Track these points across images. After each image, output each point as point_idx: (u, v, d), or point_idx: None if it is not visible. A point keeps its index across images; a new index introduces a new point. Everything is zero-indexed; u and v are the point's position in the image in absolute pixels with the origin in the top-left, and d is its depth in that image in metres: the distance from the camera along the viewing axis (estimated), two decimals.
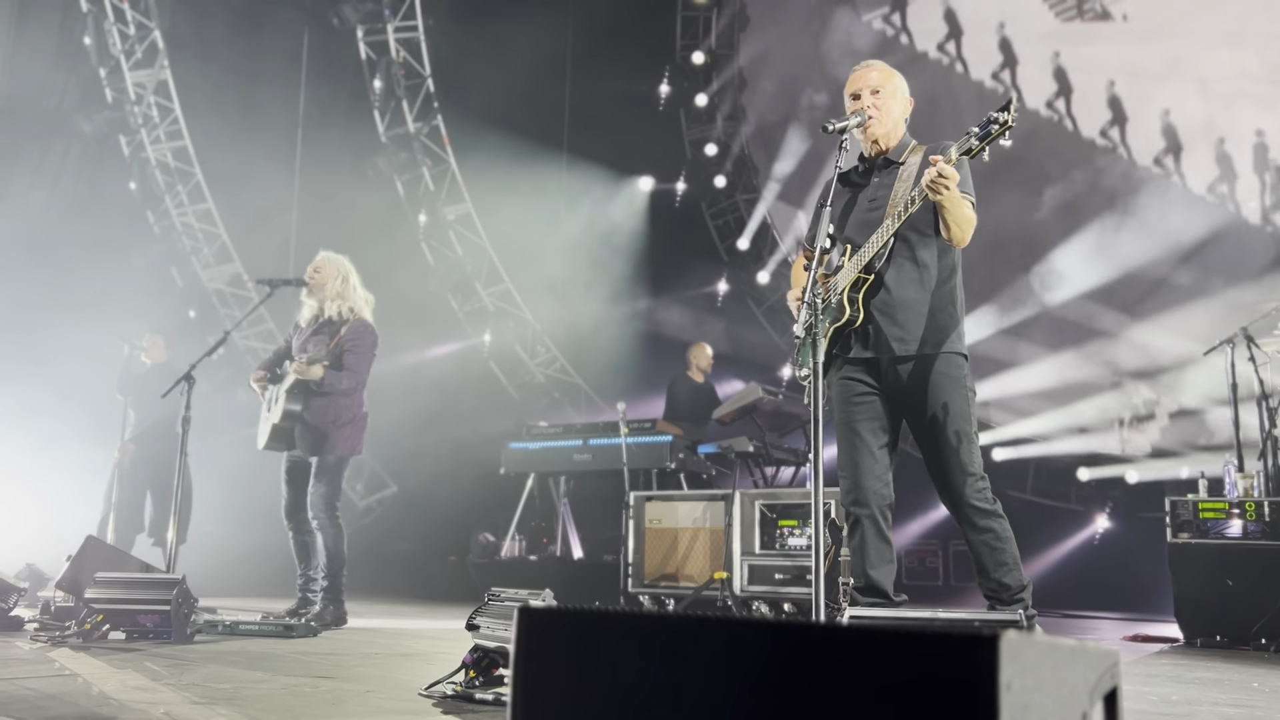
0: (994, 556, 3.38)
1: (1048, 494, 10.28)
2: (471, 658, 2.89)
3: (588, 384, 12.19)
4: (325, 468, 5.37)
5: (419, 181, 11.85)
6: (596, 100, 11.64)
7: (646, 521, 6.46)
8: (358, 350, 5.45)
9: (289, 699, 2.73)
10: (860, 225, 3.57)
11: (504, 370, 12.35)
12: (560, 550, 8.70)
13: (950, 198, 3.22)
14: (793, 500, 5.98)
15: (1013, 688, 1.08)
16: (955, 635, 1.12)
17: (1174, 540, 5.66)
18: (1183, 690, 3.41)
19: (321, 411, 5.37)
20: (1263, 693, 3.41)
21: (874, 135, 3.58)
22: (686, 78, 12.39)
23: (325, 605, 5.26)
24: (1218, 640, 5.38)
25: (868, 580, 3.46)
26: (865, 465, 3.50)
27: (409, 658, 3.94)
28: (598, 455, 8.07)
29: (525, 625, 1.48)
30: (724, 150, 12.41)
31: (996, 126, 3.09)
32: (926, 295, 3.48)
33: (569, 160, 11.93)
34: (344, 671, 3.41)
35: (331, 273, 5.59)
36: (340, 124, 11.74)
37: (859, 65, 3.70)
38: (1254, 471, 5.90)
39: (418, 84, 11.66)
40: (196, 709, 2.51)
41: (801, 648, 1.27)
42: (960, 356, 3.50)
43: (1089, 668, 1.26)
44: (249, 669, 3.36)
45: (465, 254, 12.08)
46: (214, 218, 11.36)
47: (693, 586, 6.13)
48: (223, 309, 11.41)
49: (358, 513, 11.25)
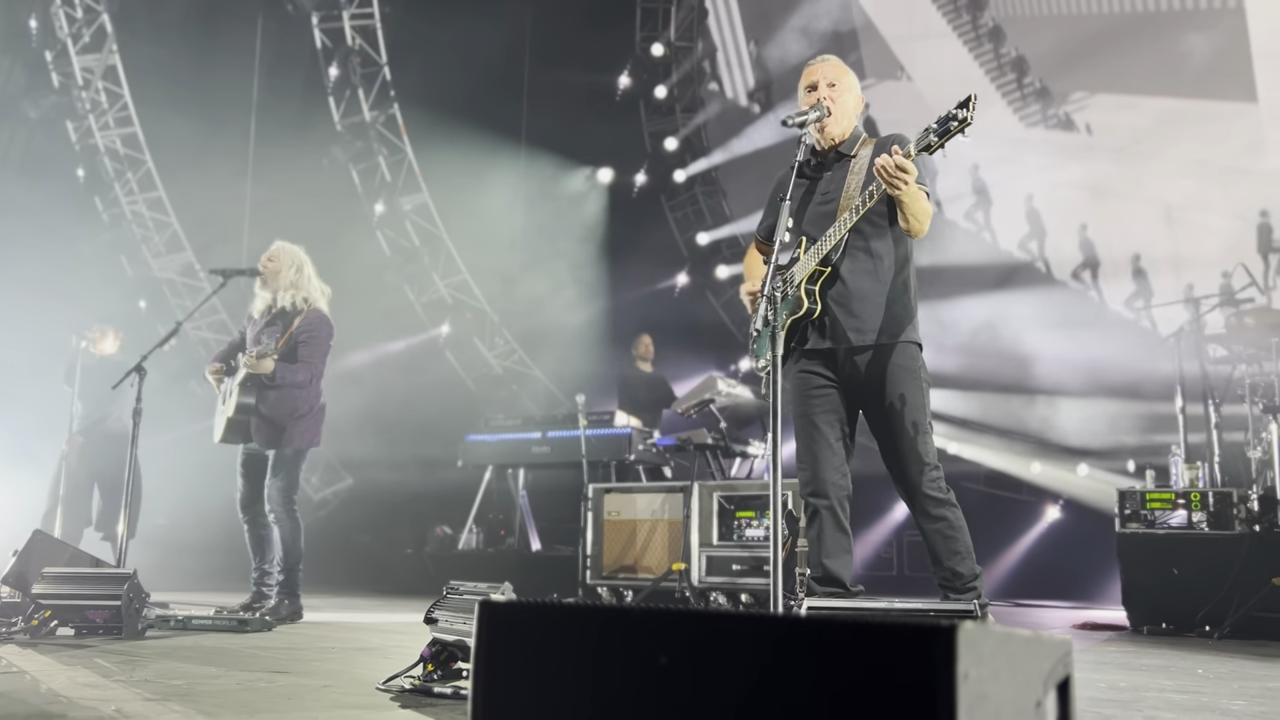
0: (947, 545, 3.43)
1: (1000, 485, 10.43)
2: (430, 651, 2.88)
3: (546, 376, 12.16)
4: (282, 461, 5.30)
5: (375, 171, 11.73)
6: (556, 91, 11.60)
7: (605, 513, 6.46)
8: (312, 342, 5.39)
9: (244, 694, 2.70)
10: (814, 218, 3.61)
11: (461, 362, 12.27)
12: (518, 542, 8.68)
13: (909, 191, 3.26)
14: (750, 492, 6.02)
15: (970, 678, 1.10)
16: (914, 627, 1.14)
17: (1122, 530, 5.78)
18: (1130, 677, 3.48)
19: (278, 404, 5.31)
20: (1207, 679, 3.50)
21: (829, 129, 3.61)
22: (646, 70, 12.37)
23: (280, 600, 5.20)
24: (1163, 627, 5.50)
25: (825, 571, 3.50)
26: (823, 457, 3.53)
27: (366, 652, 3.92)
28: (556, 447, 8.06)
29: (487, 619, 1.48)
30: (684, 143, 12.42)
31: (955, 124, 3.13)
32: (882, 286, 3.52)
33: (528, 151, 11.87)
34: (300, 666, 3.38)
35: (286, 262, 5.51)
36: (295, 112, 11.58)
37: (813, 60, 3.73)
38: (1199, 463, 6.03)
39: (374, 72, 11.54)
40: (149, 705, 2.48)
41: (762, 640, 1.28)
42: (915, 346, 3.55)
43: (1043, 657, 1.28)
44: (203, 664, 3.32)
45: (422, 244, 11.98)
46: (165, 206, 11.17)
47: (651, 578, 6.15)
48: (174, 299, 11.22)
49: (313, 505, 11.14)
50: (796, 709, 1.21)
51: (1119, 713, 2.64)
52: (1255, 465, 6.10)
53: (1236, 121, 8.82)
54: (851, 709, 1.16)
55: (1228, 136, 8.85)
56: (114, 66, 10.71)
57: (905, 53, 10.91)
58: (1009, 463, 10.36)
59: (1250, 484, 6.03)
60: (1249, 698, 3.01)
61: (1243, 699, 2.98)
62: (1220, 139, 8.89)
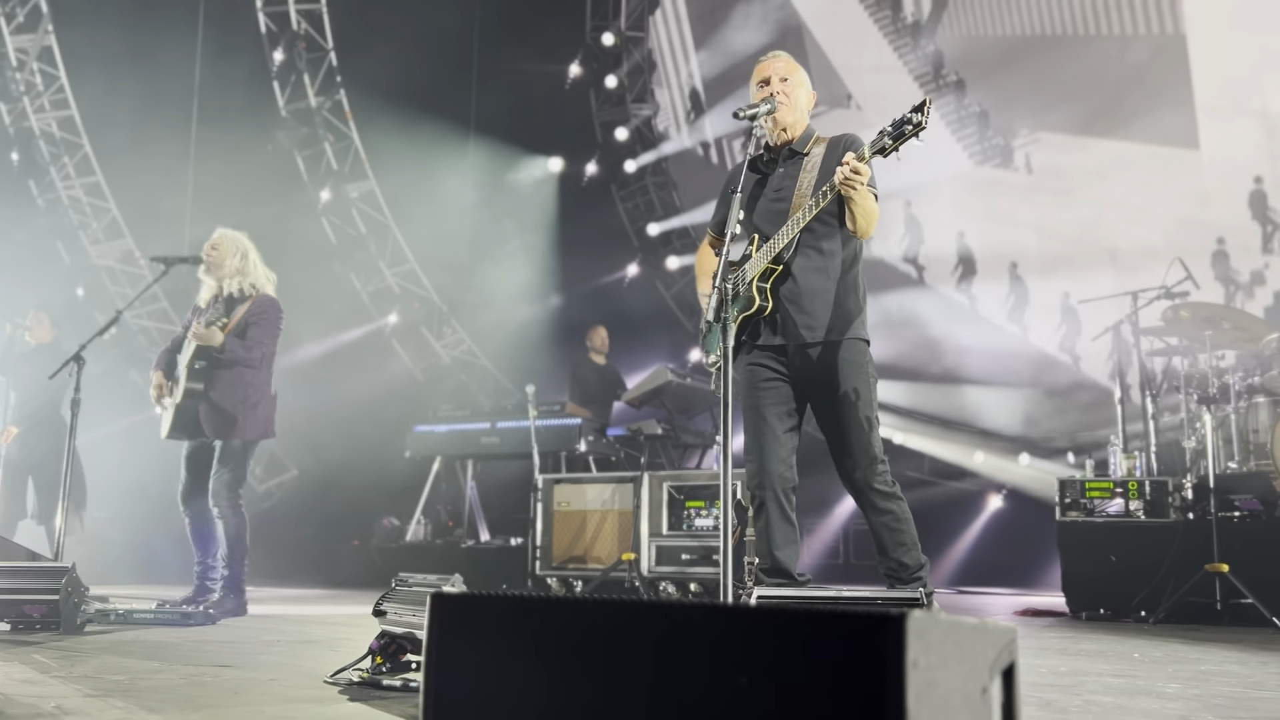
0: (894, 537, 3.49)
1: (944, 475, 10.61)
2: (379, 644, 2.85)
3: (495, 366, 12.10)
4: (231, 452, 5.18)
5: (321, 157, 11.56)
6: (506, 79, 11.51)
7: (555, 504, 6.46)
8: (263, 323, 5.26)
9: (188, 689, 2.66)
10: (767, 215, 3.64)
11: (409, 352, 12.16)
12: (467, 534, 8.64)
13: (860, 193, 3.30)
14: (700, 482, 6.05)
15: (919, 665, 1.12)
16: (864, 616, 1.16)
17: (1062, 519, 5.91)
18: (1070, 662, 3.56)
19: (229, 391, 5.17)
20: (1143, 662, 3.59)
21: (782, 123, 3.64)
22: (597, 59, 12.33)
23: (225, 594, 5.10)
24: (1101, 613, 5.64)
25: (773, 561, 3.54)
26: (770, 449, 3.57)
27: (312, 645, 3.88)
28: (506, 438, 8.03)
29: (439, 611, 1.48)
30: (635, 133, 12.40)
31: (910, 127, 3.17)
32: (832, 284, 3.56)
33: (477, 139, 11.77)
34: (245, 660, 3.33)
35: (230, 250, 5.41)
36: (239, 96, 11.36)
37: (766, 55, 3.76)
38: (1136, 453, 6.18)
39: (320, 57, 11.36)
40: (90, 702, 2.43)
41: (715, 629, 1.29)
42: (864, 342, 3.60)
43: (989, 644, 1.31)
44: (145, 659, 3.26)
45: (369, 233, 11.84)
46: (103, 191, 10.92)
47: (601, 568, 6.16)
48: (113, 287, 10.97)
49: (257, 497, 10.97)
50: (748, 698, 1.22)
51: (1059, 697, 2.70)
52: (1190, 455, 6.27)
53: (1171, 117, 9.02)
54: (802, 697, 1.18)
55: (1163, 134, 9.06)
56: (49, 47, 10.44)
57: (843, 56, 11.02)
58: (952, 452, 10.54)
59: (1185, 473, 6.19)
60: (1183, 680, 3.10)
61: (1177, 682, 3.06)
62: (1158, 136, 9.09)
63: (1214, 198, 8.96)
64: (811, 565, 9.44)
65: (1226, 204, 8.90)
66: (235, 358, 5.17)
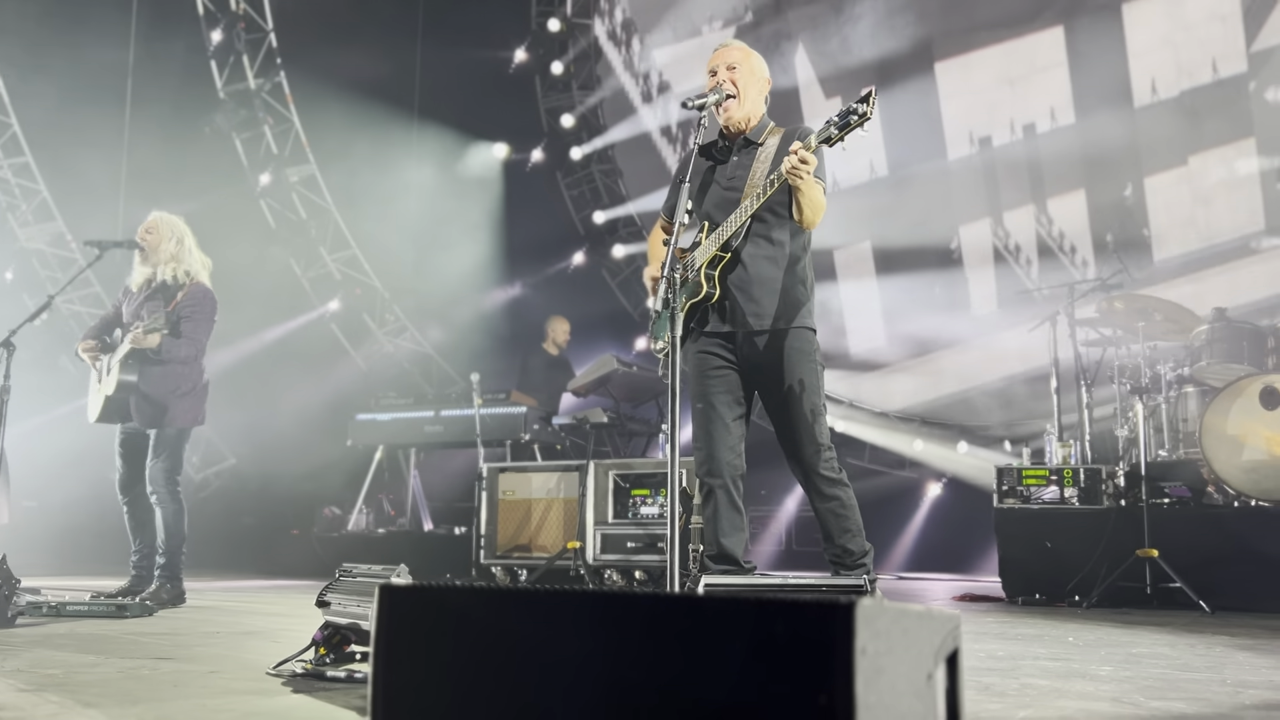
0: (839, 524, 3.53)
1: (883, 462, 10.76)
2: (322, 635, 2.82)
3: (439, 354, 11.99)
4: (165, 441, 5.10)
5: (260, 140, 11.33)
6: (450, 63, 11.36)
7: (500, 493, 6.43)
8: (196, 317, 5.19)
9: (126, 682, 2.60)
10: (718, 203, 3.65)
11: (350, 339, 12.00)
12: (410, 523, 8.57)
13: (807, 183, 3.33)
14: (646, 470, 6.07)
15: (867, 652, 1.14)
16: (813, 603, 1.17)
17: (999, 505, 6.03)
18: (1007, 646, 3.64)
19: (160, 382, 5.10)
20: (1077, 646, 3.68)
21: (731, 112, 3.65)
22: (543, 45, 12.24)
23: (162, 583, 5.01)
24: (1037, 598, 5.77)
25: (720, 548, 3.56)
26: (719, 436, 3.60)
27: (253, 636, 3.82)
28: (450, 426, 7.97)
29: (387, 603, 1.47)
30: (581, 120, 12.34)
31: (855, 118, 3.22)
32: (780, 273, 3.59)
33: (420, 124, 11.62)
34: (184, 652, 3.27)
35: (165, 234, 5.29)
36: (175, 77, 11.07)
37: (720, 45, 3.76)
38: (1071, 441, 6.33)
39: (259, 38, 11.12)
40: (23, 697, 2.37)
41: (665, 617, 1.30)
42: (811, 331, 3.64)
43: (934, 631, 1.34)
44: (80, 652, 3.19)
45: (309, 217, 11.64)
46: (33, 172, 10.58)
47: (546, 557, 6.15)
48: (44, 271, 10.66)
49: (194, 486, 10.75)
50: (698, 684, 1.23)
51: (997, 680, 2.76)
52: (1122, 443, 6.43)
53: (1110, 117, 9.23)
54: (751, 684, 1.19)
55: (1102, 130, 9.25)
56: None
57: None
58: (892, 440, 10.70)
59: (1118, 461, 6.36)
60: (1115, 663, 3.18)
61: (1109, 665, 3.15)
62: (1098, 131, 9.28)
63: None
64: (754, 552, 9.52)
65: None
66: (170, 357, 5.10)
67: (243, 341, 10.41)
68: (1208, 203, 8.97)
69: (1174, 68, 8.96)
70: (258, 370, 10.46)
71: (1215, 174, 8.93)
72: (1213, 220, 8.90)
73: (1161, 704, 2.44)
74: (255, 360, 10.63)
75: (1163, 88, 9.01)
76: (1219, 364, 6.04)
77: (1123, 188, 9.27)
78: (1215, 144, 8.90)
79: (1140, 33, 9.07)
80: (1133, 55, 9.12)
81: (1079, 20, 9.36)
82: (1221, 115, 8.78)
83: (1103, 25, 9.21)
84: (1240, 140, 8.79)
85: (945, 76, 10.00)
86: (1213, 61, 8.78)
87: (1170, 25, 8.97)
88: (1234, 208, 8.85)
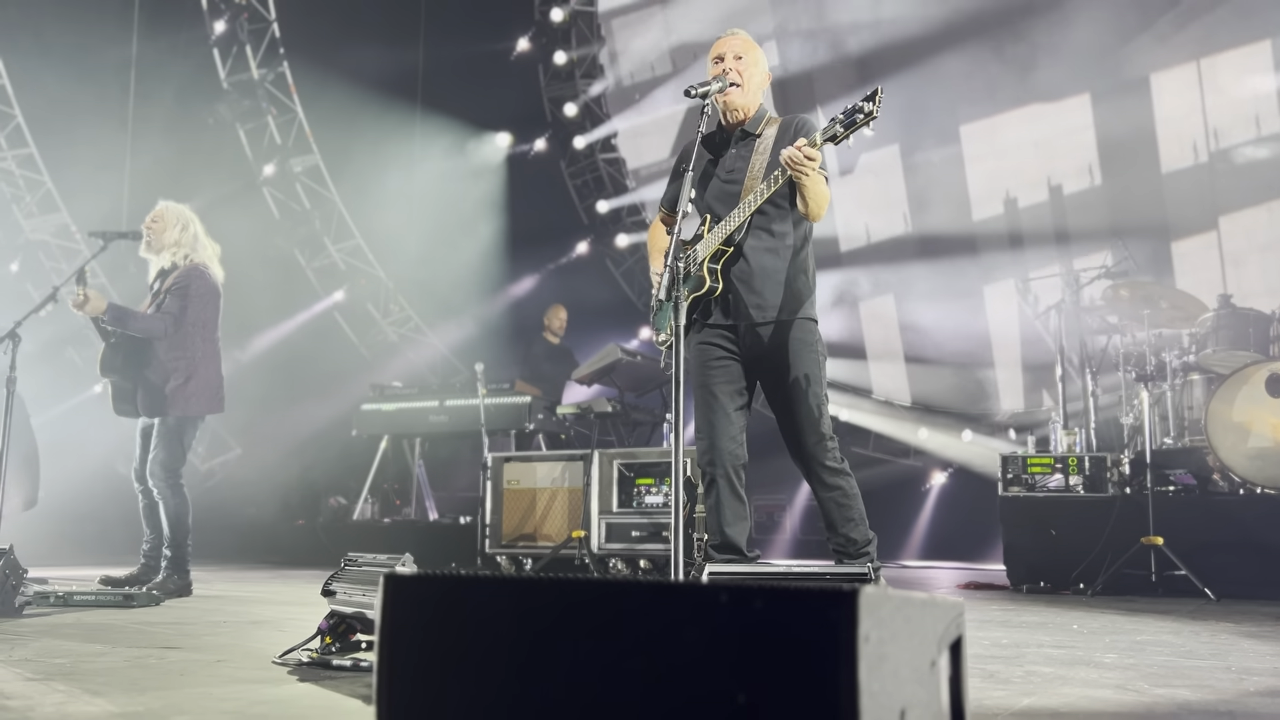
0: (842, 513, 3.53)
1: (888, 450, 10.76)
2: (328, 624, 2.84)
3: (443, 344, 12.00)
4: (164, 431, 5.07)
5: (264, 131, 11.32)
6: (453, 52, 11.34)
7: (505, 482, 6.44)
8: (180, 293, 5.07)
9: (133, 671, 2.62)
10: (719, 195, 3.65)
11: (355, 329, 12.01)
12: (415, 512, 8.59)
13: (811, 178, 3.33)
14: (650, 459, 6.07)
15: (871, 639, 1.14)
16: (816, 591, 1.17)
17: (1004, 494, 6.03)
18: (1011, 634, 3.65)
19: (158, 369, 5.07)
20: (1082, 634, 3.69)
21: (735, 101, 3.64)
22: (546, 34, 12.20)
23: (169, 574, 5.02)
24: (1041, 586, 5.78)
25: (723, 537, 3.57)
26: (720, 426, 3.60)
27: (260, 625, 3.84)
28: (454, 416, 7.98)
29: (392, 592, 1.47)
30: (584, 109, 12.31)
31: (861, 116, 3.21)
32: (783, 264, 3.59)
33: (424, 114, 11.60)
34: (191, 641, 3.29)
35: (171, 222, 5.26)
36: (178, 67, 11.06)
37: (724, 32, 3.75)
38: (1076, 429, 6.33)
39: (262, 28, 11.11)
40: (31, 686, 2.38)
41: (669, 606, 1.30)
42: (813, 322, 3.64)
43: (937, 619, 1.34)
44: (87, 641, 3.21)
45: (313, 208, 11.64)
46: (37, 163, 10.58)
47: (551, 546, 6.17)
48: (49, 262, 10.67)
49: (199, 476, 10.78)
50: (703, 672, 1.23)
51: (1002, 668, 2.77)
52: (1127, 431, 6.43)
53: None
54: (755, 672, 1.19)
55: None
56: None
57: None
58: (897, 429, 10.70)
59: (1123, 449, 6.35)
60: (1119, 651, 3.19)
61: (1114, 652, 3.15)
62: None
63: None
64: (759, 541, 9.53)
65: None
66: (136, 329, 4.99)
67: (248, 332, 10.43)
68: (1238, 264, 8.83)
69: (1204, 131, 8.84)
70: (263, 360, 10.48)
71: (1247, 236, 8.76)
72: (1244, 283, 8.54)
73: (1166, 691, 2.44)
74: (261, 350, 10.65)
75: (1194, 151, 8.89)
76: (1225, 351, 6.03)
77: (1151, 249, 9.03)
78: (1247, 205, 8.75)
79: (1169, 99, 8.95)
80: (1161, 121, 9.01)
81: (1106, 91, 9.22)
82: (1254, 176, 8.62)
83: (1131, 94, 9.08)
84: (1273, 201, 8.64)
85: (970, 140, 9.96)
86: (1255, 119, 8.64)
87: (1201, 91, 8.84)
88: (1265, 269, 8.68)
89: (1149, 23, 8.90)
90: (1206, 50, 8.75)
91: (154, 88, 10.58)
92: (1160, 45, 8.86)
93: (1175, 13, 8.78)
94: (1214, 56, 8.76)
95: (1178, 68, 8.91)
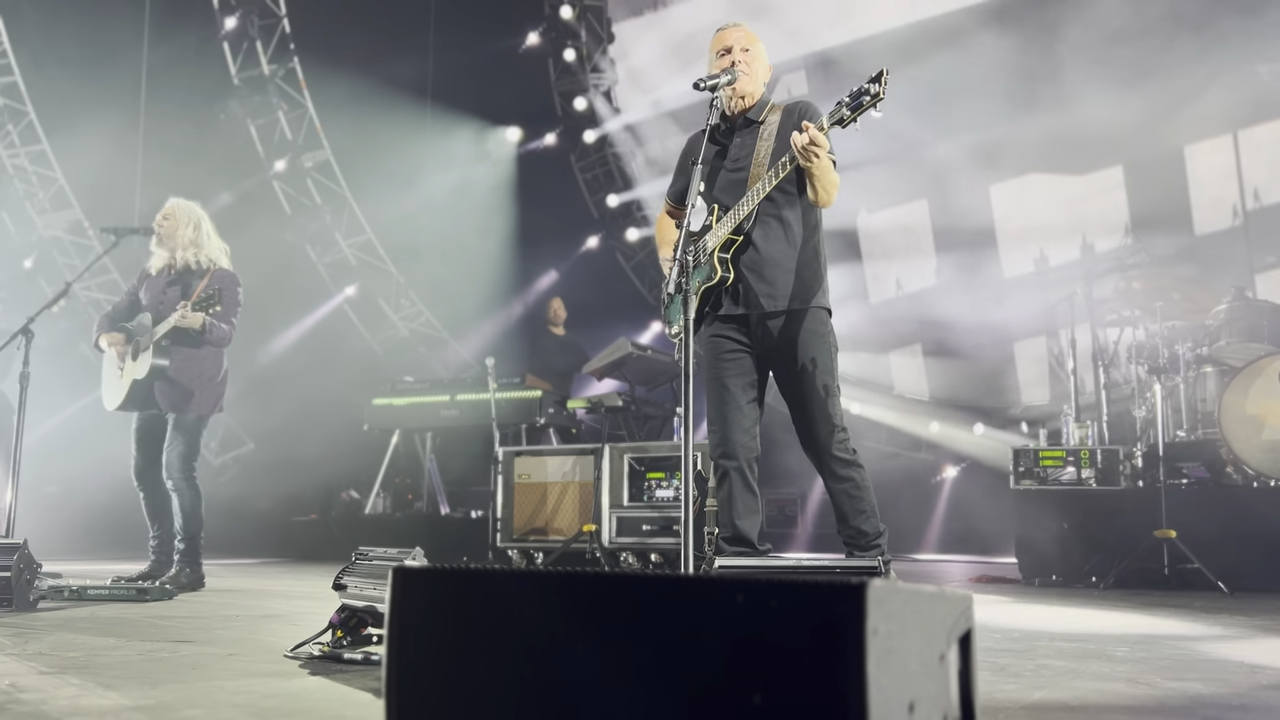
0: (853, 505, 3.53)
1: (900, 444, 10.74)
2: (339, 618, 2.84)
3: (454, 338, 12.02)
4: (184, 426, 5.10)
5: (275, 126, 11.36)
6: (463, 47, 11.35)
7: (516, 476, 6.45)
8: (225, 300, 5.18)
9: (146, 665, 2.63)
10: (726, 185, 3.64)
11: (366, 324, 12.04)
12: (427, 506, 8.61)
13: (820, 164, 3.31)
14: (661, 453, 6.07)
15: (879, 633, 1.14)
16: (824, 584, 1.17)
17: (1016, 487, 6.01)
18: (1023, 627, 3.64)
19: (188, 366, 5.10)
20: (1094, 627, 3.68)
21: (742, 92, 3.63)
22: (555, 29, 12.20)
23: (182, 568, 5.04)
24: (1054, 580, 5.76)
25: (735, 530, 3.57)
26: (733, 419, 3.59)
27: (272, 619, 3.85)
28: (466, 411, 7.99)
29: (401, 585, 1.47)
30: (594, 105, 12.31)
31: (868, 98, 3.18)
32: (793, 252, 3.57)
33: (434, 108, 11.62)
34: (204, 635, 3.30)
35: (183, 220, 5.29)
36: (190, 63, 11.10)
37: (726, 25, 3.74)
38: (1089, 422, 6.30)
39: (273, 24, 11.14)
40: (45, 679, 2.40)
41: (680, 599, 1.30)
42: (825, 311, 3.62)
43: (946, 612, 1.33)
44: (101, 635, 3.22)
45: (324, 203, 11.67)
46: (50, 160, 10.64)
47: (562, 540, 6.18)
48: (62, 258, 10.72)
49: (212, 471, 10.84)
50: (712, 665, 1.23)
51: (1013, 662, 2.76)
52: (1140, 424, 6.39)
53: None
54: (765, 664, 1.19)
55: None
56: None
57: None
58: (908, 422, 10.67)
59: (1135, 442, 6.32)
60: (1131, 644, 3.17)
61: (1126, 645, 3.14)
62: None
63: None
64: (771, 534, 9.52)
65: None
66: (212, 339, 5.10)
67: (260, 327, 10.46)
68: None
69: (1238, 192, 8.75)
70: (275, 355, 10.52)
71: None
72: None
73: (1178, 684, 2.43)
74: (273, 345, 10.69)
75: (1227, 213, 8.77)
76: (1238, 343, 5.99)
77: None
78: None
79: (1202, 164, 8.84)
80: (1194, 185, 8.91)
81: (1139, 161, 9.12)
82: None
83: (1165, 163, 8.98)
84: None
85: (1000, 199, 9.91)
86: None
87: (1236, 155, 8.73)
88: None
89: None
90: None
91: (165, 84, 10.62)
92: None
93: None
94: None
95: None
